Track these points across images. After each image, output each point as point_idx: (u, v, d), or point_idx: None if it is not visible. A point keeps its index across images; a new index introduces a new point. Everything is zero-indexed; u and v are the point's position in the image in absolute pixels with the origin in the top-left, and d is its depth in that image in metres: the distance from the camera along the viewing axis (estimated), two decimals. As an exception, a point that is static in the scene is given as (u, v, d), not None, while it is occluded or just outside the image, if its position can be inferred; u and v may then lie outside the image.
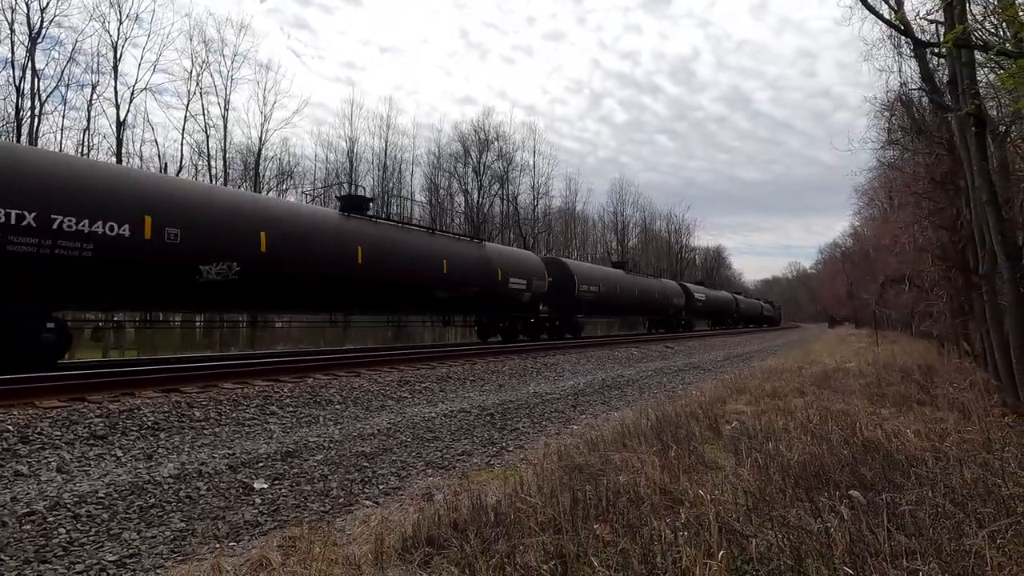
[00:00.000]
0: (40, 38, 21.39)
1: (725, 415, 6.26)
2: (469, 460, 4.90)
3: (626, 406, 7.95)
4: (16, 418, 4.83)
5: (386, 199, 35.34)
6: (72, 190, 7.39)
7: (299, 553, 2.81)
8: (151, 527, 3.25)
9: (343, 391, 7.29)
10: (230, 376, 7.30)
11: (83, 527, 3.17)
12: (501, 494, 3.48)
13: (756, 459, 3.92)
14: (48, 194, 7.07)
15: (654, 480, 3.54)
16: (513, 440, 5.67)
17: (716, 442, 4.91)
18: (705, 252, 74.53)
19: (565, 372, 11.36)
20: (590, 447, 4.64)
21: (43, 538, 3.00)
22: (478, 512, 3.09)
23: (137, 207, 7.93)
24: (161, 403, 5.74)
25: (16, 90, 20.58)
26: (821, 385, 8.60)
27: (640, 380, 10.85)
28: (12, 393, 5.42)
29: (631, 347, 17.94)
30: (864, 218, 35.42)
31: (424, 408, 6.96)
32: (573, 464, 4.09)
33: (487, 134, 40.57)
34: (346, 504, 3.77)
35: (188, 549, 3.01)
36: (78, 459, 4.28)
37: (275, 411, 6.12)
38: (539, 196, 43.48)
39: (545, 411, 7.27)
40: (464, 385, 8.85)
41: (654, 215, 62.23)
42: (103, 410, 5.30)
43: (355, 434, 5.44)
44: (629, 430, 5.07)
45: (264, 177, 28.49)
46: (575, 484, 3.45)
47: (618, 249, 52.09)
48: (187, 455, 4.55)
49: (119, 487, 3.71)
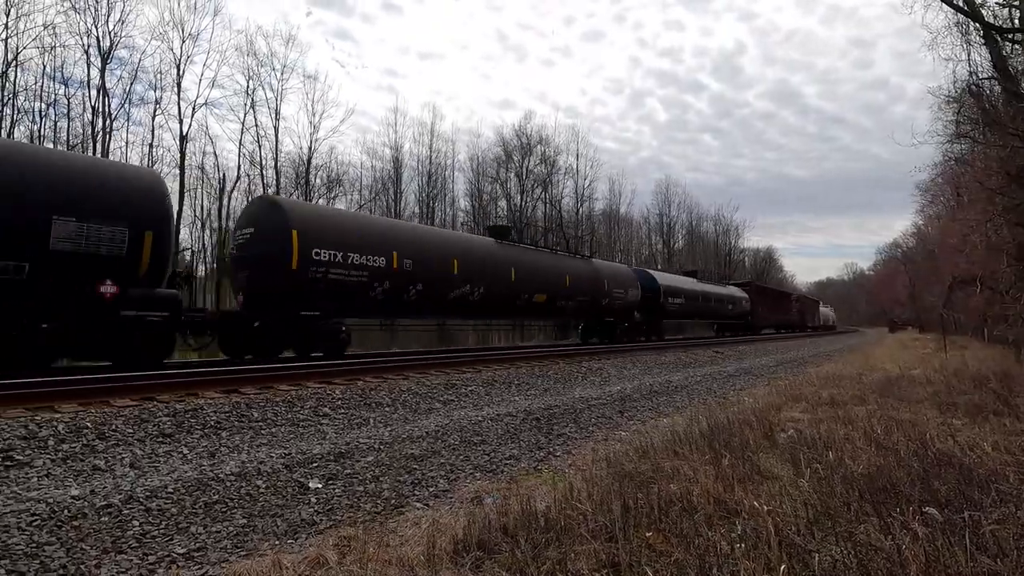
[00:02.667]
0: (109, 59, 22.91)
1: (780, 423, 6.03)
2: (517, 464, 4.90)
3: (675, 412, 7.78)
4: (94, 416, 5.16)
5: (430, 205, 35.92)
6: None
7: (354, 552, 2.88)
8: (216, 522, 3.40)
9: (392, 394, 7.44)
10: (285, 378, 7.57)
11: (154, 520, 3.35)
12: (550, 500, 3.46)
13: (816, 470, 3.75)
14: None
15: (707, 489, 3.45)
16: (560, 445, 5.64)
17: (771, 451, 4.73)
18: (755, 254, 72.27)
19: (611, 377, 11.22)
20: (640, 454, 4.56)
21: (119, 529, 3.19)
22: (528, 517, 3.08)
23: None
24: (222, 403, 6.01)
25: (92, 109, 22.08)
26: (884, 393, 8.16)
27: (689, 386, 10.60)
28: (90, 392, 5.80)
29: (679, 351, 17.56)
30: (928, 216, 33.47)
31: (470, 411, 7.02)
32: (623, 471, 4.03)
33: (529, 138, 40.70)
34: (397, 505, 3.83)
35: (250, 545, 3.14)
36: (148, 455, 4.54)
37: (327, 413, 6.30)
38: (582, 199, 43.25)
39: (591, 416, 7.20)
40: (509, 389, 8.88)
41: (700, 216, 60.88)
42: (170, 409, 5.60)
43: (404, 436, 5.53)
44: (680, 437, 4.95)
45: (314, 185, 29.49)
46: (625, 491, 3.39)
47: (663, 251, 51.16)
48: (247, 454, 4.74)
49: (186, 483, 3.90)
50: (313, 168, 29.27)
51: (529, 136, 40.87)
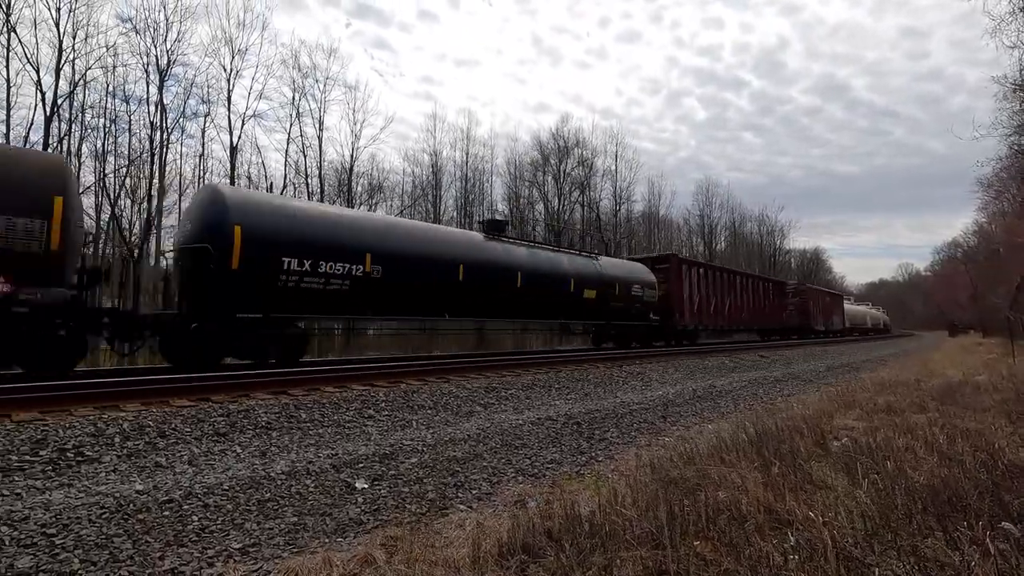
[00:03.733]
0: (166, 76, 24.15)
1: (833, 430, 5.80)
2: (559, 468, 4.89)
3: (720, 418, 7.59)
4: (155, 415, 5.43)
5: (467, 211, 36.26)
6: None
7: (401, 552, 2.93)
8: (268, 519, 3.52)
9: (433, 396, 7.54)
10: (331, 380, 7.78)
11: (212, 516, 3.49)
12: (594, 505, 3.43)
13: (874, 480, 3.59)
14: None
15: (757, 498, 3.35)
16: (602, 450, 5.59)
17: (824, 460, 4.55)
18: (801, 254, 69.87)
19: (653, 381, 11.05)
20: (685, 460, 4.47)
21: (180, 524, 3.34)
22: (572, 522, 3.07)
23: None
24: (272, 404, 6.22)
25: (151, 124, 23.31)
26: (945, 400, 7.74)
27: (734, 391, 10.32)
28: (151, 393, 6.11)
29: (723, 356, 17.12)
30: (991, 213, 31.58)
31: (511, 415, 7.04)
32: (668, 477, 3.96)
33: (566, 141, 40.62)
34: (441, 507, 3.88)
35: (301, 542, 3.23)
36: (205, 454, 4.74)
37: (372, 414, 6.44)
38: (621, 202, 42.84)
39: (633, 421, 7.11)
40: (550, 393, 8.85)
41: (743, 217, 59.35)
42: (224, 409, 5.83)
43: (446, 439, 5.59)
44: (726, 444, 4.83)
45: (356, 192, 30.24)
46: (671, 498, 3.33)
47: (705, 253, 50.05)
48: (296, 454, 4.89)
49: (240, 481, 4.05)
50: (355, 175, 30.05)
51: (566, 139, 40.85)
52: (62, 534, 3.09)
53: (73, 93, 22.11)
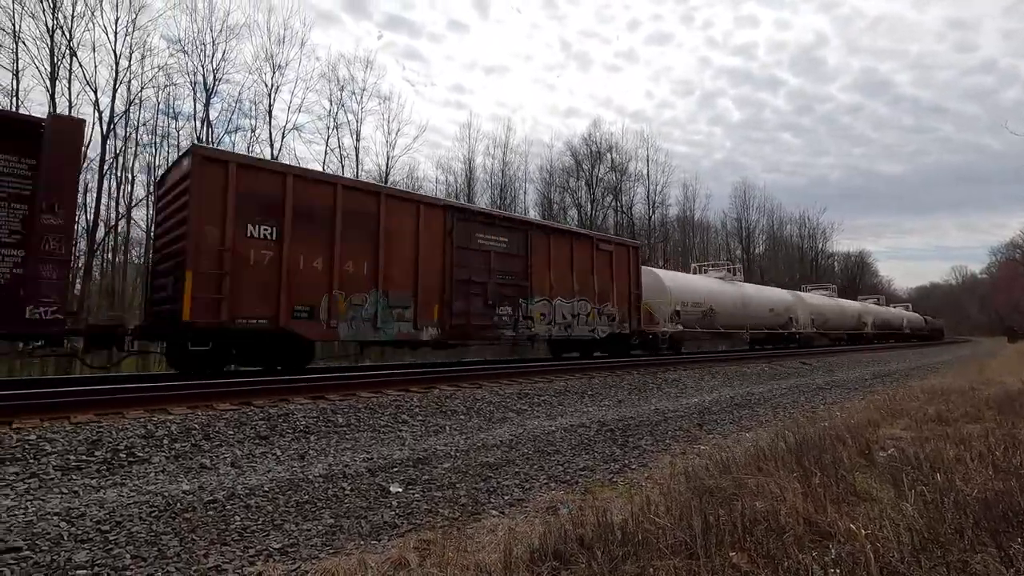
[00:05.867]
0: (213, 93, 25.19)
1: (878, 440, 5.58)
2: (591, 476, 4.85)
3: (758, 426, 7.40)
4: (200, 418, 5.65)
5: (501, 216, 36.45)
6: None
7: (434, 556, 2.97)
8: (306, 521, 3.62)
9: (466, 402, 7.60)
10: (366, 386, 7.93)
11: (253, 516, 3.61)
12: (627, 512, 3.40)
13: (922, 492, 3.44)
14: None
15: (796, 509, 3.25)
16: (636, 458, 5.53)
17: (868, 470, 4.39)
18: (845, 258, 67.45)
19: (688, 388, 10.85)
20: (721, 469, 4.37)
21: (223, 523, 3.47)
22: (604, 529, 3.05)
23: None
24: (310, 409, 6.39)
25: (197, 139, 24.32)
26: (1003, 410, 7.34)
27: (773, 399, 10.03)
28: (197, 397, 6.36)
29: (762, 363, 16.67)
30: (1054, 212, 29.82)
31: (543, 421, 7.02)
32: (703, 486, 3.88)
33: (599, 146, 40.44)
34: (473, 512, 3.91)
35: (338, 543, 3.31)
36: (247, 456, 4.90)
37: (406, 419, 6.53)
38: (654, 206, 42.32)
39: (668, 428, 6.99)
40: (582, 399, 8.80)
41: (782, 219, 57.74)
42: (265, 413, 6.02)
43: (479, 444, 5.63)
44: (764, 453, 4.71)
45: (391, 201, 30.81)
46: (706, 507, 3.27)
47: (743, 257, 48.92)
48: (332, 457, 5.01)
49: (279, 483, 4.18)
50: (390, 184, 30.61)
51: (598, 143, 40.66)
52: (115, 531, 3.25)
53: (128, 112, 23.31)
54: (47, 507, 3.54)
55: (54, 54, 21.11)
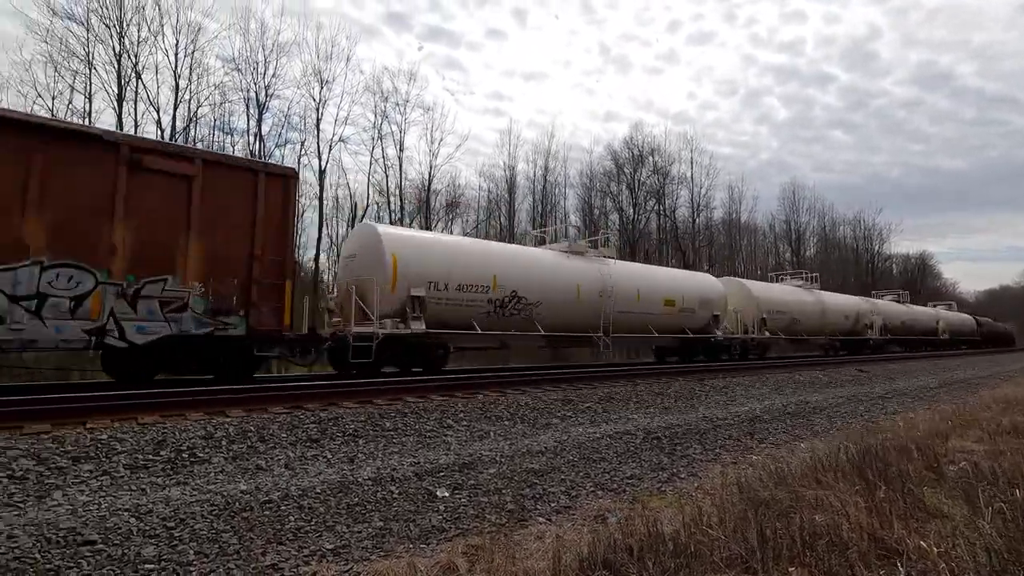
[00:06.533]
0: (264, 109, 26.28)
1: (947, 453, 5.26)
2: (639, 484, 4.76)
3: (813, 436, 7.10)
4: (256, 421, 5.86)
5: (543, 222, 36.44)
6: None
7: (482, 562, 2.97)
8: (357, 523, 3.69)
9: (510, 408, 7.60)
10: (412, 391, 8.05)
11: (306, 517, 3.71)
12: (678, 523, 3.32)
13: (1000, 509, 3.22)
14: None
15: (860, 523, 3.10)
16: (684, 467, 5.39)
17: (938, 485, 4.14)
18: (904, 260, 64.02)
19: (738, 396, 10.52)
20: (776, 480, 4.21)
21: (279, 523, 3.58)
22: (655, 540, 2.98)
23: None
24: (359, 413, 6.53)
25: (250, 153, 25.41)
26: (1088, 422, 6.79)
27: (829, 407, 9.61)
28: (253, 400, 6.61)
29: (816, 370, 16.00)
30: None
31: (588, 428, 6.95)
32: (757, 497, 3.75)
33: (641, 149, 39.93)
34: (520, 518, 3.89)
35: (387, 546, 3.36)
36: (299, 458, 5.05)
37: (451, 424, 6.59)
38: (699, 209, 41.40)
39: (717, 437, 6.79)
40: (627, 406, 8.66)
41: (835, 220, 55.37)
42: (316, 417, 6.20)
43: (523, 450, 5.62)
44: (822, 464, 4.51)
45: (434, 208, 31.28)
46: (762, 519, 3.15)
47: (793, 261, 47.18)
48: (381, 460, 5.10)
49: (330, 485, 4.28)
50: (432, 193, 31.11)
51: (640, 147, 40.12)
52: (179, 527, 3.40)
53: (187, 129, 24.61)
54: (118, 503, 3.74)
55: (121, 77, 22.51)
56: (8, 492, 3.81)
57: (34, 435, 4.93)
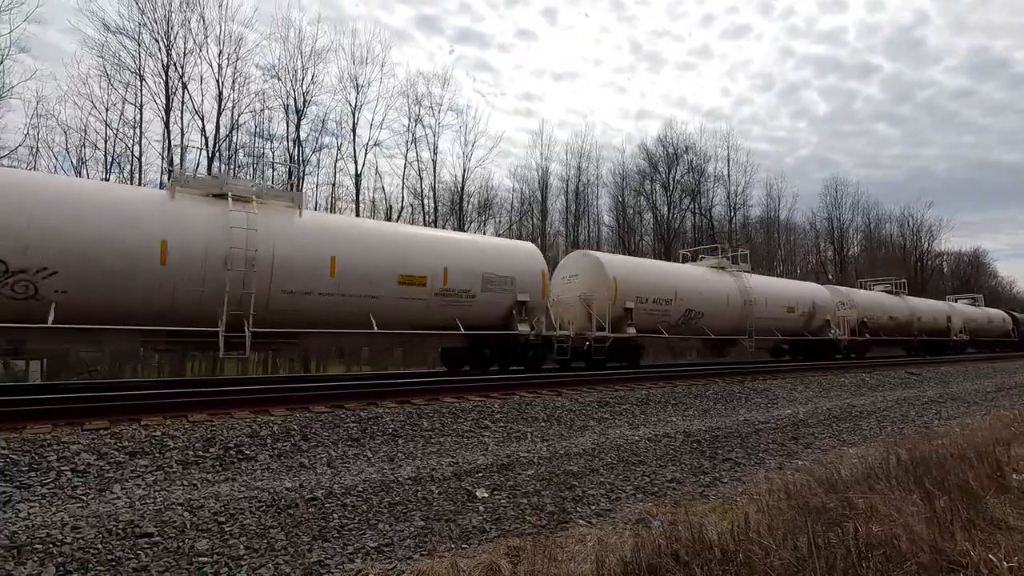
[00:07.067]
0: (303, 115, 26.96)
1: (1011, 461, 4.98)
2: (680, 488, 4.68)
3: (863, 441, 6.84)
4: (299, 419, 6.00)
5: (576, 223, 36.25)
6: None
7: (524, 564, 2.97)
8: (399, 522, 3.74)
9: (547, 409, 7.57)
10: (449, 391, 8.11)
11: (349, 515, 3.78)
12: (723, 529, 3.24)
13: (1074, 523, 3.03)
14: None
15: (919, 534, 2.96)
16: (727, 471, 5.27)
17: (1003, 495, 3.92)
18: (957, 257, 60.95)
19: (779, 399, 10.22)
20: (825, 487, 4.07)
21: (323, 520, 3.66)
22: (700, 546, 2.92)
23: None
24: (397, 413, 6.61)
25: (290, 158, 26.13)
26: None
27: (878, 411, 9.24)
28: (296, 400, 6.78)
29: (862, 372, 15.41)
30: None
31: (626, 430, 6.86)
32: (806, 504, 3.63)
33: (675, 147, 39.29)
34: (561, 521, 3.87)
35: (429, 545, 3.39)
36: (341, 457, 5.15)
37: (488, 425, 6.61)
38: (735, 207, 40.46)
39: (760, 441, 6.61)
40: (665, 408, 8.52)
41: (880, 217, 53.16)
42: (356, 416, 6.30)
43: (561, 452, 5.59)
44: (875, 471, 4.34)
45: (466, 211, 31.49)
46: (813, 528, 3.05)
47: (835, 259, 45.60)
48: (420, 460, 5.15)
49: (372, 484, 4.35)
50: (465, 195, 31.33)
51: (675, 145, 39.47)
52: (229, 522, 3.51)
53: (230, 136, 25.47)
54: (171, 497, 3.88)
55: (168, 87, 23.46)
56: (72, 485, 4.00)
57: (94, 431, 5.17)
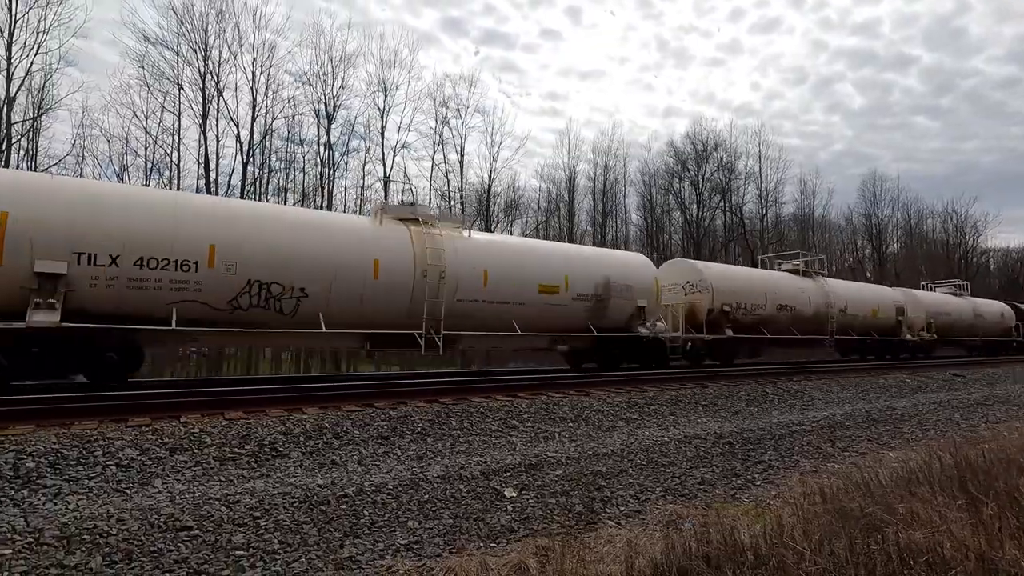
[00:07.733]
0: (333, 119, 27.48)
1: (1064, 467, 4.74)
2: (711, 490, 4.61)
3: (903, 445, 6.61)
4: (330, 417, 6.12)
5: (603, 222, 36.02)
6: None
7: (552, 564, 2.96)
8: (428, 520, 3.78)
9: (575, 409, 7.54)
10: (477, 391, 8.16)
11: (379, 512, 3.84)
12: (756, 532, 3.18)
13: None
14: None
15: (964, 542, 2.85)
16: (760, 474, 5.16)
17: (1055, 502, 3.73)
18: (1004, 254, 58.28)
19: (815, 400, 9.96)
20: (863, 491, 3.95)
21: (354, 517, 3.72)
22: (733, 550, 2.87)
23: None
24: (426, 412, 6.68)
25: (320, 162, 26.68)
26: None
27: (919, 414, 8.92)
28: (326, 399, 6.91)
29: (902, 373, 14.89)
30: None
31: (655, 431, 6.79)
32: (843, 509, 3.53)
33: (705, 144, 38.67)
34: (589, 521, 3.86)
35: (458, 544, 3.42)
36: (371, 455, 5.23)
37: (516, 425, 6.62)
38: (767, 205, 39.60)
39: (794, 444, 6.46)
40: (695, 409, 8.39)
41: (921, 213, 51.26)
42: (386, 415, 6.39)
43: (589, 452, 5.56)
44: (916, 475, 4.19)
45: (493, 211, 31.62)
46: (852, 533, 2.96)
47: (874, 257, 44.18)
48: (448, 459, 5.19)
49: (401, 482, 4.40)
50: (492, 196, 31.46)
51: (704, 142, 38.85)
52: (264, 517, 3.60)
53: (263, 140, 26.14)
54: (209, 492, 4.01)
55: (205, 95, 24.22)
56: (117, 479, 4.16)
57: (137, 427, 5.37)
